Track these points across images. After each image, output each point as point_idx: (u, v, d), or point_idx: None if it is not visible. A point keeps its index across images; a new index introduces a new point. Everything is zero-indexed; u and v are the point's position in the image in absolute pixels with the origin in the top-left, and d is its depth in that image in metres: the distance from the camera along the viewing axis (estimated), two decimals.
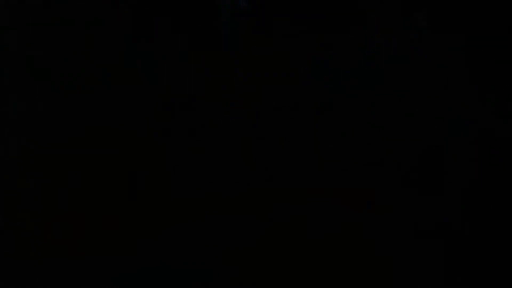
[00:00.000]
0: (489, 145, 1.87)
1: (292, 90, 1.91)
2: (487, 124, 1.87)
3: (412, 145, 1.87)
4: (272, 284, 1.78)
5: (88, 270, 1.77)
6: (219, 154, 1.86)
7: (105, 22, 1.91)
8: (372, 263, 1.79)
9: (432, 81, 1.91)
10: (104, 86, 1.88)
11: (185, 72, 1.90)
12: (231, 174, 1.85)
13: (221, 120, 1.88)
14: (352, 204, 1.83)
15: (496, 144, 1.87)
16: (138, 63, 1.90)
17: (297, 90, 1.91)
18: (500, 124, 1.87)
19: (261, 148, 1.87)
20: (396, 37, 1.93)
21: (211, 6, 1.93)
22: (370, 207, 1.83)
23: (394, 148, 1.87)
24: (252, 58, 1.92)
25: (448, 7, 1.93)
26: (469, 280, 1.79)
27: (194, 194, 1.84)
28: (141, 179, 1.84)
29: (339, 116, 1.89)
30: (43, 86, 1.88)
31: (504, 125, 1.87)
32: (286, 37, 1.93)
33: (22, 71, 1.89)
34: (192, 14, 1.93)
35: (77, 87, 1.88)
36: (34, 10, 1.90)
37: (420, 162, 1.87)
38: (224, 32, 1.93)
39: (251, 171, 1.86)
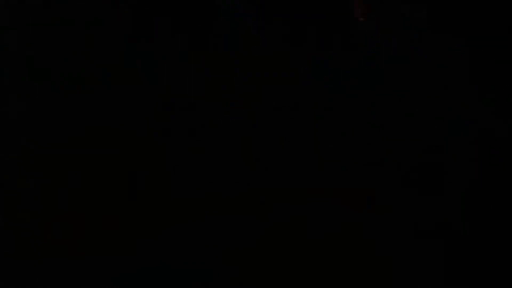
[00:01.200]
0: (489, 145, 1.87)
1: (292, 90, 1.91)
2: (487, 124, 1.87)
3: (412, 145, 1.87)
4: (272, 284, 1.78)
5: (88, 270, 1.77)
6: (219, 154, 1.86)
7: (105, 22, 1.91)
8: (372, 263, 1.79)
9: (432, 81, 1.91)
10: (104, 86, 1.88)
11: (185, 72, 1.90)
12: (231, 174, 1.85)
13: (221, 120, 1.88)
14: (352, 204, 1.83)
15: (496, 144, 1.87)
16: (138, 63, 1.90)
17: (297, 90, 1.91)
18: (500, 124, 1.87)
19: (261, 148, 1.87)
20: (396, 37, 1.93)
21: (211, 6, 1.93)
22: (370, 207, 1.83)
23: (394, 148, 1.87)
24: (252, 58, 1.92)
25: (448, 7, 1.93)
26: (469, 280, 1.79)
27: (194, 194, 1.84)
28: (141, 179, 1.84)
29: (339, 116, 1.89)
30: (43, 86, 1.88)
31: (504, 125, 1.87)
32: (286, 37, 1.93)
33: (22, 71, 1.88)
34: (192, 14, 1.93)
35: (77, 87, 1.88)
36: (34, 10, 1.90)
37: (420, 162, 1.87)
38: (224, 32, 1.93)
39: (251, 171, 1.86)
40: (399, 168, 1.86)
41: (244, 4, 1.93)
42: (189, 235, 1.80)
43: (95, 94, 1.88)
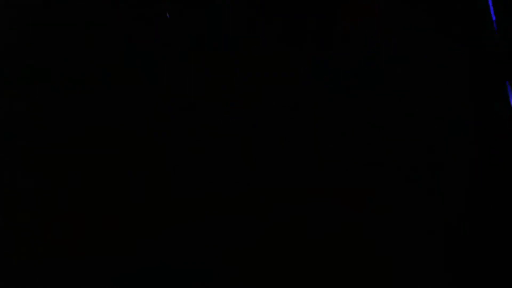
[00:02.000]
0: (488, 145, 1.87)
1: (292, 90, 1.91)
2: (487, 124, 1.87)
3: (412, 145, 1.88)
4: (272, 284, 1.79)
5: (88, 270, 1.77)
6: (219, 154, 1.87)
7: (105, 22, 1.91)
8: (372, 263, 1.80)
9: (432, 81, 1.91)
10: (104, 86, 1.89)
11: (185, 72, 1.91)
12: (231, 174, 1.85)
13: (221, 120, 1.88)
14: (352, 204, 1.83)
15: (495, 143, 1.87)
16: (138, 63, 1.90)
17: (297, 90, 1.91)
18: (500, 124, 1.87)
19: (261, 148, 1.88)
20: (396, 37, 1.93)
21: (211, 6, 1.94)
22: (370, 207, 1.83)
23: (394, 148, 1.87)
24: (252, 58, 1.92)
25: (448, 7, 1.94)
26: (469, 280, 1.79)
27: (194, 194, 1.84)
28: (141, 179, 1.84)
29: (339, 116, 1.89)
30: (43, 86, 1.88)
31: (504, 125, 1.87)
32: (286, 37, 1.93)
33: (22, 71, 1.89)
34: (192, 14, 1.93)
35: (77, 87, 1.88)
36: (34, 10, 1.91)
37: (420, 162, 1.87)
38: (224, 32, 1.93)
39: (251, 171, 1.86)
40: (399, 168, 1.86)
41: (243, 4, 1.93)
42: (189, 235, 1.81)
43: (95, 94, 1.88)
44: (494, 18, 1.88)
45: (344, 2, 1.95)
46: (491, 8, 1.89)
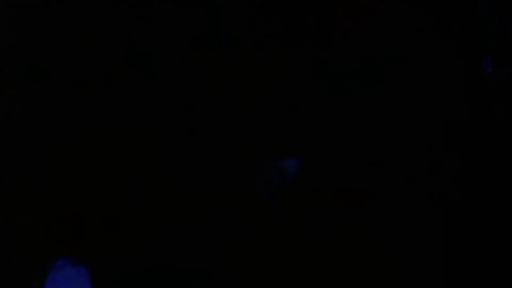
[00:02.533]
0: (489, 145, 1.87)
1: (292, 90, 1.91)
2: (487, 124, 1.87)
3: (412, 145, 1.87)
4: (272, 284, 1.78)
5: (88, 270, 1.77)
6: (219, 154, 1.86)
7: (105, 22, 1.91)
8: (372, 263, 1.79)
9: (432, 81, 1.91)
10: (104, 86, 1.88)
11: (185, 72, 1.90)
12: (231, 174, 1.85)
13: (221, 120, 1.88)
14: (352, 204, 1.83)
15: (496, 144, 1.87)
16: (138, 63, 1.90)
17: (297, 90, 1.91)
18: (500, 124, 1.87)
19: (261, 148, 1.87)
20: (396, 37, 1.93)
21: (212, 6, 1.93)
22: (370, 207, 1.83)
23: (394, 148, 1.87)
24: (252, 58, 1.92)
25: (448, 7, 1.93)
26: (469, 280, 1.79)
27: (194, 194, 1.84)
28: (141, 179, 1.84)
29: (339, 116, 1.89)
30: (43, 86, 1.88)
31: (504, 125, 1.87)
32: (286, 37, 1.93)
33: (22, 71, 1.88)
34: (192, 13, 1.93)
35: (77, 87, 1.88)
36: (34, 10, 1.90)
37: (420, 162, 1.87)
38: (224, 32, 1.93)
39: (251, 171, 1.86)
40: (399, 168, 1.86)
41: (243, 4, 1.93)
42: (189, 235, 1.80)
43: (95, 94, 1.88)
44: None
45: (344, 2, 1.95)
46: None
